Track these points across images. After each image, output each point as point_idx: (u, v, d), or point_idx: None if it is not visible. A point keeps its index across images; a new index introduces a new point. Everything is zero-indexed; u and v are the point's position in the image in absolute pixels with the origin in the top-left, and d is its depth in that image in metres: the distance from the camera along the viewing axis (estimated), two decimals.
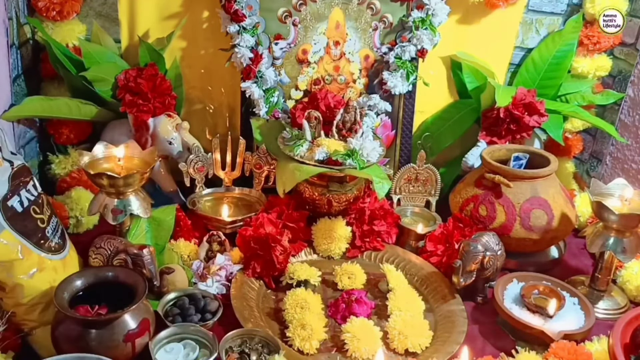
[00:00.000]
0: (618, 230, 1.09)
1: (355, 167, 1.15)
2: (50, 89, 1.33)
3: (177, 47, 1.36)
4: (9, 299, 0.89)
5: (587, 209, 1.36)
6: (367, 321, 1.00)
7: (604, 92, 1.49)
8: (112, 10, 1.34)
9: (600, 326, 1.04)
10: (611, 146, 1.50)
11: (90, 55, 1.26)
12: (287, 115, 1.33)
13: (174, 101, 1.29)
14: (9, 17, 1.19)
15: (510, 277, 1.12)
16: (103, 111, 1.30)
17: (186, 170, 1.28)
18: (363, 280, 1.15)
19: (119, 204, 1.04)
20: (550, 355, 0.92)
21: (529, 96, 1.35)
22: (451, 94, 1.53)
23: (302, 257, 1.22)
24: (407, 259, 1.22)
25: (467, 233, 1.18)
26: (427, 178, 1.37)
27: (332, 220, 1.25)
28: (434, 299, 1.12)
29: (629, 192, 1.12)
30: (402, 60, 1.33)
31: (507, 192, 1.21)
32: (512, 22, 1.48)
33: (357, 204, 1.27)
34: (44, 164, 1.34)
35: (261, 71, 1.28)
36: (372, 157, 1.19)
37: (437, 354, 0.96)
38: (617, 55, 1.49)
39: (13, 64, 1.22)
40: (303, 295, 1.05)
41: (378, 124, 1.37)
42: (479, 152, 1.36)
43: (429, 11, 1.30)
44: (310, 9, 1.30)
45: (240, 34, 1.25)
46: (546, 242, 1.23)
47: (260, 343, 0.93)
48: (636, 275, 1.16)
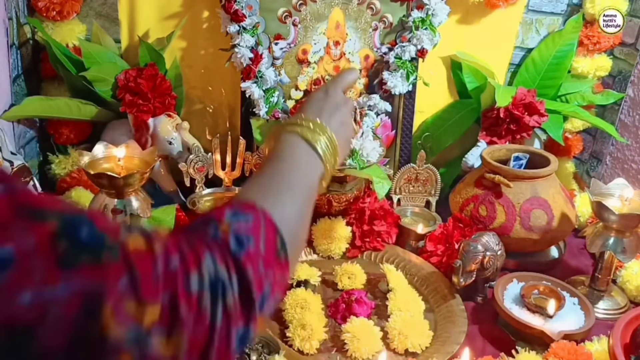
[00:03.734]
0: (618, 230, 1.09)
1: (355, 167, 1.15)
2: (50, 89, 1.33)
3: (177, 47, 1.36)
4: None
5: (587, 209, 1.35)
6: (367, 321, 1.00)
7: (604, 92, 1.49)
8: (112, 10, 1.34)
9: (600, 326, 1.04)
10: (611, 146, 1.50)
11: (90, 55, 1.26)
12: (287, 115, 1.33)
13: (174, 101, 1.29)
14: (9, 17, 1.19)
15: (510, 277, 1.12)
16: (103, 111, 1.30)
17: (186, 170, 1.28)
18: (363, 280, 1.15)
19: (119, 204, 1.04)
20: (550, 355, 0.92)
21: (529, 96, 1.35)
22: (451, 94, 1.52)
23: (302, 257, 1.22)
24: (407, 259, 1.22)
25: (467, 233, 1.18)
26: (427, 178, 1.37)
27: (332, 220, 1.25)
28: (434, 299, 1.12)
29: (629, 192, 1.12)
30: (402, 60, 1.33)
31: (507, 192, 1.21)
32: (512, 22, 1.48)
33: (357, 204, 1.26)
34: (44, 164, 1.34)
35: (261, 71, 1.28)
36: (372, 157, 1.19)
37: (437, 354, 0.96)
38: (617, 55, 1.49)
39: (13, 64, 1.22)
40: (303, 295, 1.05)
41: (378, 124, 1.36)
42: (479, 152, 1.36)
43: (429, 11, 1.30)
44: (310, 9, 1.30)
45: (240, 34, 1.25)
46: (546, 242, 1.23)
47: (260, 343, 0.93)
48: (636, 275, 1.16)
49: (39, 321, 0.32)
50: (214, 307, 0.41)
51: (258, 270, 0.46)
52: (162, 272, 0.39)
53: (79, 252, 0.35)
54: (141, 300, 0.37)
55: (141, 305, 0.36)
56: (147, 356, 0.37)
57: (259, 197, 0.54)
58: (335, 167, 0.69)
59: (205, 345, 0.40)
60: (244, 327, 0.44)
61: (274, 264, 0.49)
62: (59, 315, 0.33)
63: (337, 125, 0.70)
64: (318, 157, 0.65)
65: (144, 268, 0.38)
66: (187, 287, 0.40)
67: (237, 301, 0.43)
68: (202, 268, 0.41)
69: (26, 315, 0.32)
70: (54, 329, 0.33)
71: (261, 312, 0.46)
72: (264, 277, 0.46)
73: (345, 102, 0.76)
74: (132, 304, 0.36)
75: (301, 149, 0.65)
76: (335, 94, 0.75)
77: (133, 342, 0.36)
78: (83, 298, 0.34)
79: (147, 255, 0.39)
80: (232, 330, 0.42)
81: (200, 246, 0.43)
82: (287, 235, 0.52)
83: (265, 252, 0.48)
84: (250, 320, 0.44)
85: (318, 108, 0.71)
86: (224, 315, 0.41)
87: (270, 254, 0.49)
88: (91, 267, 0.35)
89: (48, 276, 0.33)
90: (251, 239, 0.47)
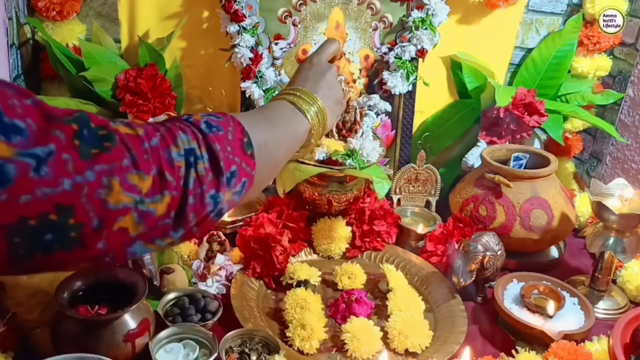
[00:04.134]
0: (618, 230, 1.09)
1: (355, 167, 1.15)
2: (50, 89, 1.33)
3: (177, 47, 1.36)
4: (9, 299, 0.89)
5: (587, 209, 1.35)
6: (367, 321, 1.00)
7: (604, 92, 1.49)
8: (112, 10, 1.34)
9: (600, 326, 1.04)
10: (611, 146, 1.50)
11: (90, 55, 1.26)
12: None
13: (174, 101, 1.29)
14: (9, 17, 1.19)
15: (510, 277, 1.12)
16: (103, 111, 1.30)
17: None
18: (363, 280, 1.15)
19: None
20: (550, 355, 0.92)
21: (529, 96, 1.35)
22: (451, 94, 1.52)
23: (302, 257, 1.22)
24: (407, 259, 1.22)
25: (467, 233, 1.18)
26: (427, 178, 1.37)
27: (332, 220, 1.25)
28: (433, 299, 1.12)
29: (629, 192, 1.12)
30: (402, 60, 1.33)
31: (507, 192, 1.21)
32: (512, 22, 1.47)
33: (357, 204, 1.26)
34: None
35: (261, 71, 1.28)
36: (372, 157, 1.19)
37: (437, 354, 0.96)
38: (617, 55, 1.49)
39: (13, 64, 1.22)
40: (303, 295, 1.05)
41: (378, 124, 1.36)
42: (479, 152, 1.36)
43: (429, 11, 1.30)
44: (310, 9, 1.30)
45: (240, 34, 1.25)
46: (546, 242, 1.23)
47: (260, 343, 0.93)
48: (636, 275, 1.16)
49: (77, 200, 0.43)
50: (187, 173, 0.51)
51: (225, 150, 0.55)
52: (148, 149, 0.48)
53: (89, 146, 0.44)
54: (139, 171, 0.47)
55: (140, 177, 0.47)
56: (144, 214, 0.47)
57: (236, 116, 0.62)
58: (326, 128, 0.78)
59: (180, 203, 0.50)
60: (215, 191, 0.54)
61: (240, 152, 0.58)
62: (88, 194, 0.43)
63: (323, 89, 0.78)
64: (304, 116, 0.73)
65: (135, 147, 0.47)
66: (169, 160, 0.50)
67: (207, 169, 0.53)
68: (178, 143, 0.51)
69: (68, 197, 0.42)
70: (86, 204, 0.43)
71: (229, 187, 0.55)
72: (230, 158, 0.56)
73: (329, 68, 0.82)
74: (134, 176, 0.46)
75: (287, 109, 0.73)
76: (319, 62, 0.82)
77: (134, 205, 0.46)
78: (102, 176, 0.44)
79: (135, 137, 0.48)
80: (204, 192, 0.52)
81: (174, 127, 0.53)
82: (255, 142, 0.60)
83: (233, 140, 0.57)
84: (219, 187, 0.54)
85: (304, 77, 0.79)
86: (196, 179, 0.52)
87: (237, 143, 0.58)
88: (101, 155, 0.44)
89: (76, 167, 0.42)
90: (221, 128, 0.57)
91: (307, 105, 0.74)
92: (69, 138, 0.42)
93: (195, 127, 0.55)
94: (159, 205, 0.49)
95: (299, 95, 0.75)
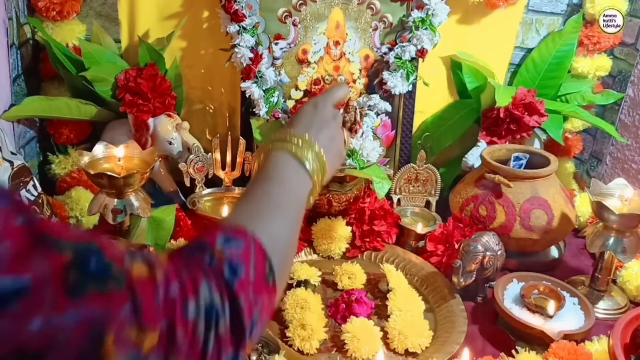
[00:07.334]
0: (618, 230, 1.09)
1: (355, 167, 1.15)
2: (50, 89, 1.33)
3: (177, 47, 1.36)
4: None
5: (587, 209, 1.35)
6: (367, 321, 1.00)
7: (604, 92, 1.49)
8: (112, 10, 1.34)
9: (600, 326, 1.04)
10: (611, 146, 1.50)
11: (90, 55, 1.26)
12: (287, 115, 1.33)
13: (174, 101, 1.29)
14: (9, 17, 1.19)
15: (510, 277, 1.12)
16: (103, 111, 1.30)
17: (186, 170, 1.28)
18: (363, 280, 1.15)
19: (119, 204, 1.04)
20: (550, 355, 0.92)
21: (529, 96, 1.35)
22: (451, 94, 1.53)
23: (302, 257, 1.22)
24: (407, 259, 1.22)
25: (467, 233, 1.18)
26: (427, 178, 1.37)
27: (332, 220, 1.25)
28: (434, 299, 1.12)
29: (629, 192, 1.12)
30: (402, 60, 1.33)
31: (507, 192, 1.21)
32: (512, 22, 1.48)
33: (357, 204, 1.27)
34: (44, 164, 1.34)
35: (261, 71, 1.28)
36: (372, 157, 1.19)
37: (437, 354, 0.96)
38: (617, 55, 1.49)
39: (13, 64, 1.22)
40: (303, 295, 1.05)
41: (378, 124, 1.36)
42: (479, 152, 1.36)
43: (429, 11, 1.30)
44: (310, 9, 1.30)
45: (240, 34, 1.25)
46: (546, 242, 1.23)
47: (260, 343, 0.93)
48: (636, 275, 1.16)
49: (47, 347, 0.33)
50: (207, 334, 0.42)
51: (249, 298, 0.48)
52: (162, 299, 0.40)
53: (87, 282, 0.36)
54: (142, 326, 0.38)
55: (142, 332, 0.38)
56: None
57: (249, 221, 0.56)
58: (323, 182, 0.71)
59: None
60: (233, 353, 0.45)
61: (263, 289, 0.51)
62: (65, 342, 0.34)
63: (326, 140, 0.71)
64: (306, 174, 0.66)
65: (146, 295, 0.39)
66: (185, 315, 0.41)
67: (228, 329, 0.45)
68: (199, 296, 0.43)
69: (36, 341, 0.33)
70: (60, 355, 0.34)
71: (250, 339, 0.48)
72: (254, 304, 0.48)
73: (335, 117, 0.77)
74: (134, 330, 0.37)
75: (290, 167, 0.66)
76: (324, 109, 0.76)
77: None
78: (88, 325, 0.35)
79: (149, 283, 0.40)
80: (222, 356, 0.44)
81: (198, 274, 0.45)
82: (275, 259, 0.53)
83: (255, 278, 0.50)
84: (239, 347, 0.46)
85: (307, 123, 0.73)
86: (216, 342, 0.43)
87: (260, 280, 0.51)
88: (97, 296, 0.36)
89: (57, 304, 0.34)
90: (242, 267, 0.49)
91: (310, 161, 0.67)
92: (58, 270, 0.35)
93: (219, 273, 0.47)
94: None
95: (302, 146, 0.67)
